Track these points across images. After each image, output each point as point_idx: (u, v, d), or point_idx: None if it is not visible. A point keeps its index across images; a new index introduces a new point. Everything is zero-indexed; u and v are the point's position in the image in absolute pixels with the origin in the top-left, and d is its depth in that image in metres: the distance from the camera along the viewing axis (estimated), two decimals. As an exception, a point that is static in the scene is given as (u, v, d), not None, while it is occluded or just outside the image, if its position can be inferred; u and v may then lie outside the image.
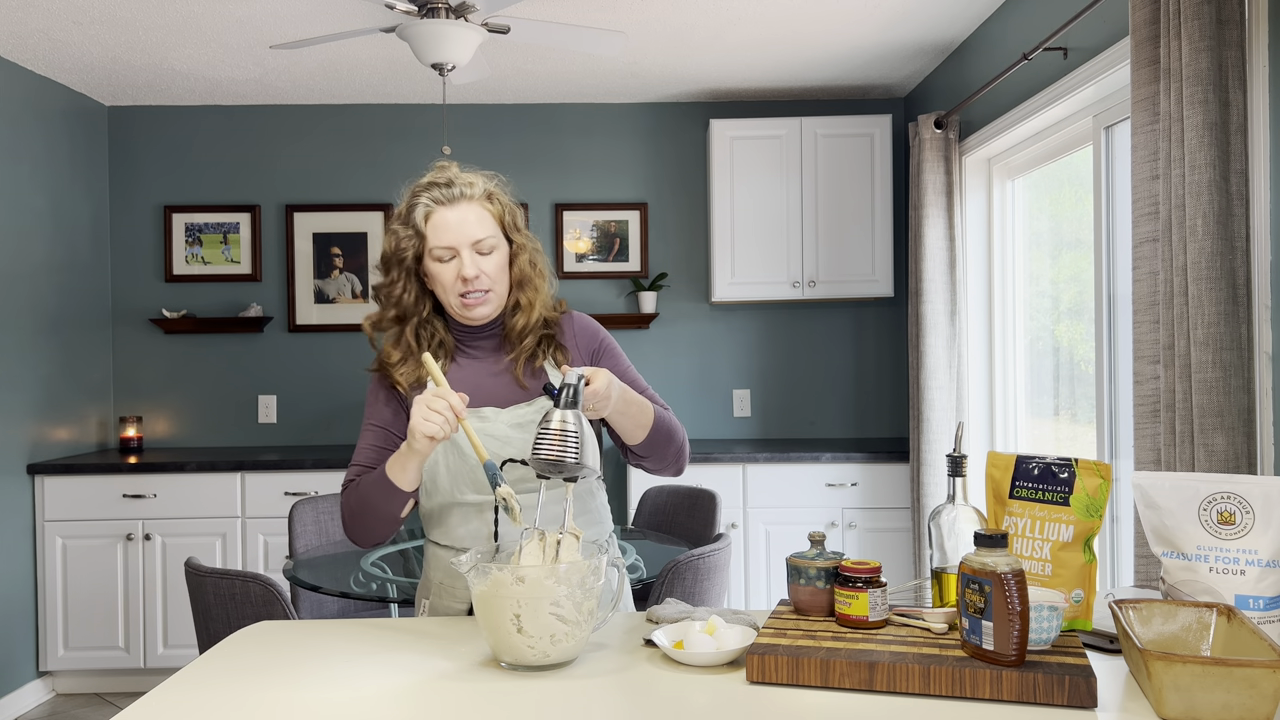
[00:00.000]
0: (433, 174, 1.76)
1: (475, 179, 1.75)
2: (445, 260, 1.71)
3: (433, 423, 1.51)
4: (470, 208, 1.72)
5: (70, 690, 4.12)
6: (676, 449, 1.79)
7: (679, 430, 1.79)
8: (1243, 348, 2.03)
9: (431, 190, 1.72)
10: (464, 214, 1.71)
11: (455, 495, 1.73)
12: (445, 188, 1.72)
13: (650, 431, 1.72)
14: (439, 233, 1.70)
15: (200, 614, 2.37)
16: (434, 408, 1.52)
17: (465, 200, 1.72)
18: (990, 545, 1.26)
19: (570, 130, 4.68)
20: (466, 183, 1.73)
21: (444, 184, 1.72)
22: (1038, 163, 3.55)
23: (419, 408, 1.53)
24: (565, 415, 1.48)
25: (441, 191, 1.72)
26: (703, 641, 1.37)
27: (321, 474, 4.03)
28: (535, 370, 1.78)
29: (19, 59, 3.91)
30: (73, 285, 4.33)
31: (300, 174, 4.64)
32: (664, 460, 1.78)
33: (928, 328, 3.88)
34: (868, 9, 3.49)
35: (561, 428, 1.47)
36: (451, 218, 1.70)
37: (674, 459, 1.79)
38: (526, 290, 1.77)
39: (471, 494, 1.73)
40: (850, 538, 4.11)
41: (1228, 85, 2.04)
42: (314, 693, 1.29)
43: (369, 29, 3.04)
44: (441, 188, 1.72)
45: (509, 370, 1.77)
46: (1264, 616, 1.34)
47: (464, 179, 1.74)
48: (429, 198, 1.72)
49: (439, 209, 1.71)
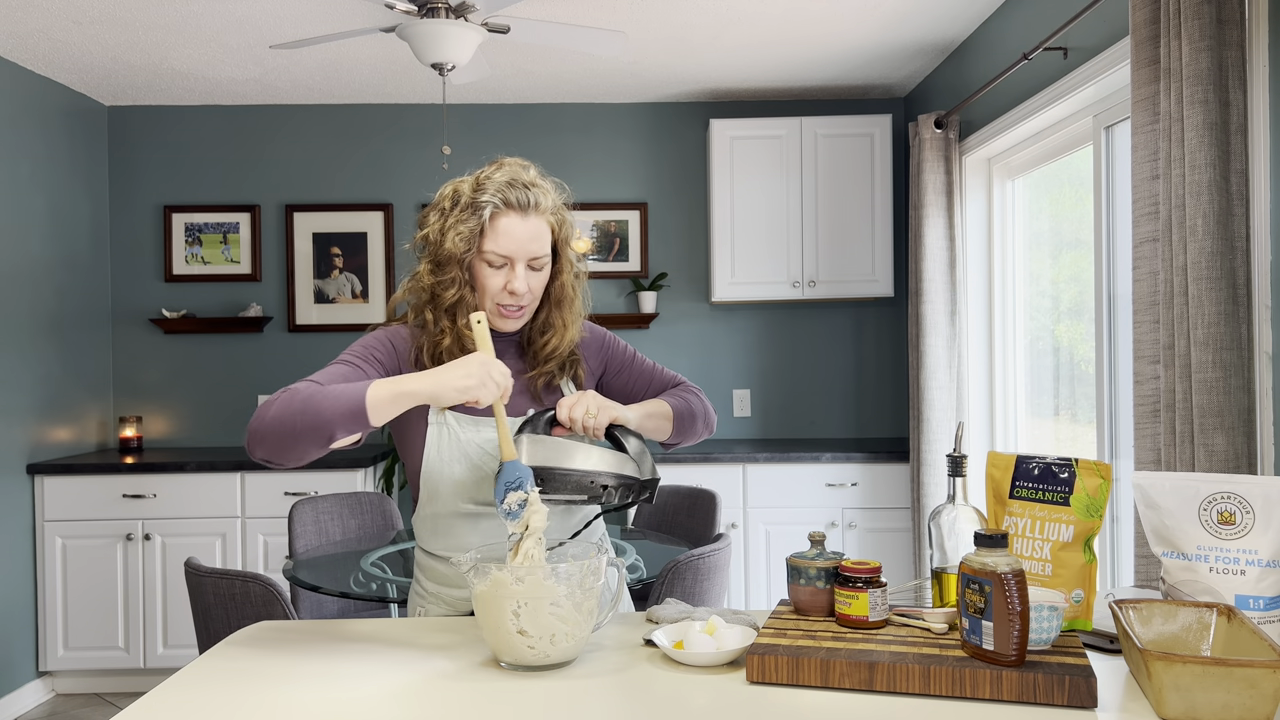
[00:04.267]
0: (511, 169, 1.63)
1: (550, 188, 1.65)
2: (497, 266, 1.61)
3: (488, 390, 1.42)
4: (539, 221, 1.62)
5: (70, 690, 4.12)
6: (703, 421, 1.80)
7: (696, 403, 1.79)
8: (1243, 348, 2.03)
9: (510, 191, 1.60)
10: (533, 227, 1.60)
11: (458, 505, 1.67)
12: (525, 190, 1.61)
13: (674, 423, 1.73)
14: (502, 239, 1.59)
15: (200, 614, 2.37)
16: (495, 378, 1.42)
17: (537, 213, 1.61)
18: (990, 545, 1.26)
19: (570, 130, 4.68)
20: (544, 191, 1.63)
21: (525, 185, 1.61)
22: (1038, 163, 3.55)
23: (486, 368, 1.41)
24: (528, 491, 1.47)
25: (519, 194, 1.60)
26: (703, 641, 1.37)
27: (322, 474, 4.04)
28: (553, 388, 1.74)
29: (19, 59, 3.91)
30: (73, 285, 4.33)
31: (300, 174, 4.64)
32: (695, 434, 1.80)
33: (928, 328, 3.88)
34: (868, 9, 3.49)
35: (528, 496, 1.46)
36: (520, 228, 1.59)
37: (703, 430, 1.81)
38: (564, 311, 1.69)
39: (475, 505, 1.67)
40: (850, 538, 4.11)
41: (1228, 85, 2.04)
42: (314, 693, 1.29)
43: (369, 29, 3.04)
44: (520, 189, 1.60)
45: (527, 385, 1.70)
46: (1264, 616, 1.34)
47: (541, 186, 1.63)
48: (504, 198, 1.59)
49: (510, 214, 1.59)
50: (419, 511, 1.72)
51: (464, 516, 1.68)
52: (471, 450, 1.65)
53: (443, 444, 1.65)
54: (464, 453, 1.65)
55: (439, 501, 1.68)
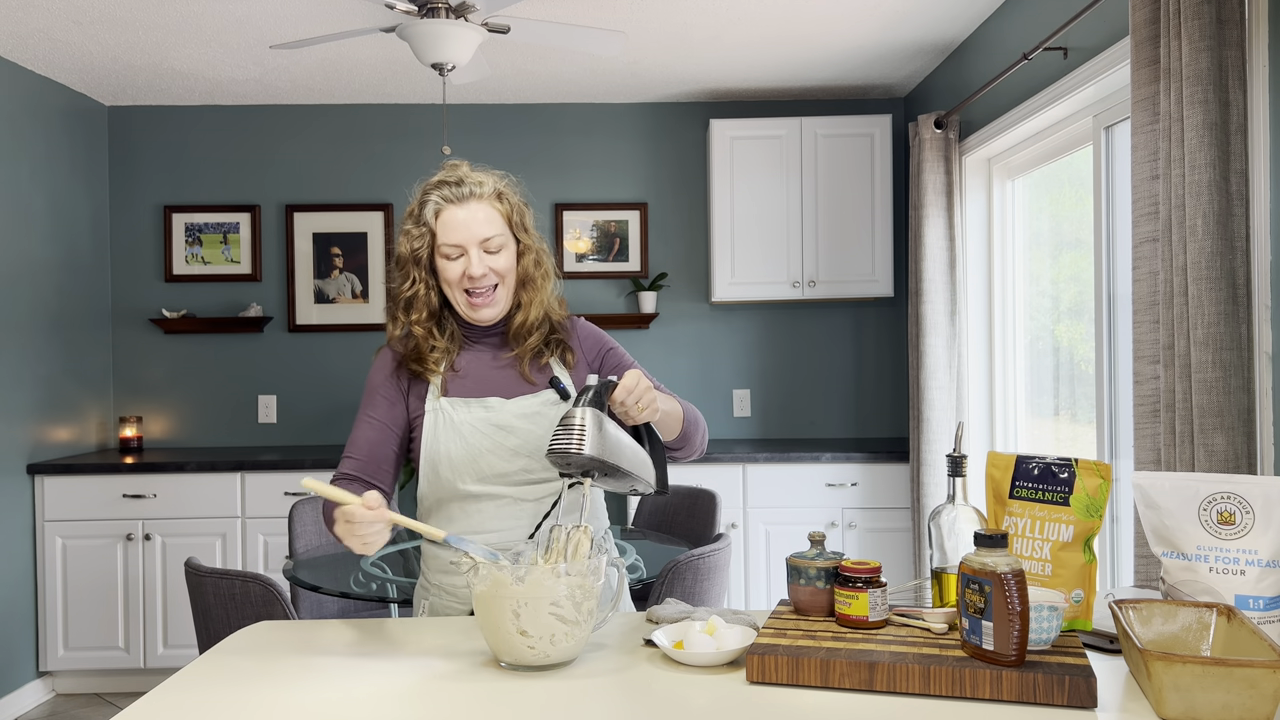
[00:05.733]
0: (443, 172, 1.78)
1: (485, 178, 1.77)
2: (453, 258, 1.74)
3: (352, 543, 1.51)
4: (479, 206, 1.74)
5: (70, 690, 4.12)
6: (702, 433, 1.84)
7: (698, 416, 1.84)
8: (1243, 348, 2.03)
9: (442, 189, 1.75)
10: (473, 212, 1.73)
11: (457, 485, 1.72)
12: (455, 186, 1.75)
13: (683, 424, 1.76)
14: (448, 230, 1.73)
15: (200, 614, 2.37)
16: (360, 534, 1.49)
17: (475, 199, 1.74)
18: (990, 545, 1.26)
19: (570, 130, 4.68)
20: (476, 181, 1.76)
21: (454, 182, 1.75)
22: (1038, 163, 3.55)
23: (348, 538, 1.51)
24: (576, 410, 1.48)
25: (451, 190, 1.74)
26: (703, 641, 1.37)
27: (322, 474, 4.03)
28: (541, 367, 1.81)
29: (19, 59, 3.91)
30: (73, 285, 4.33)
31: (300, 174, 4.64)
32: (694, 447, 1.83)
33: (928, 328, 3.88)
34: (868, 9, 3.49)
35: (568, 421, 1.47)
36: (460, 216, 1.73)
37: (700, 444, 1.84)
38: (527, 289, 1.80)
39: (474, 484, 1.72)
40: (850, 538, 4.11)
41: (1228, 85, 2.04)
42: (314, 693, 1.29)
43: (369, 29, 3.04)
44: (452, 186, 1.75)
45: (513, 365, 1.80)
46: (1264, 616, 1.34)
47: (474, 178, 1.76)
48: (439, 196, 1.74)
49: (449, 207, 1.74)
50: (421, 500, 1.79)
51: (465, 498, 1.73)
52: (465, 429, 1.73)
53: (439, 426, 1.74)
54: (458, 431, 1.73)
55: (440, 484, 1.74)
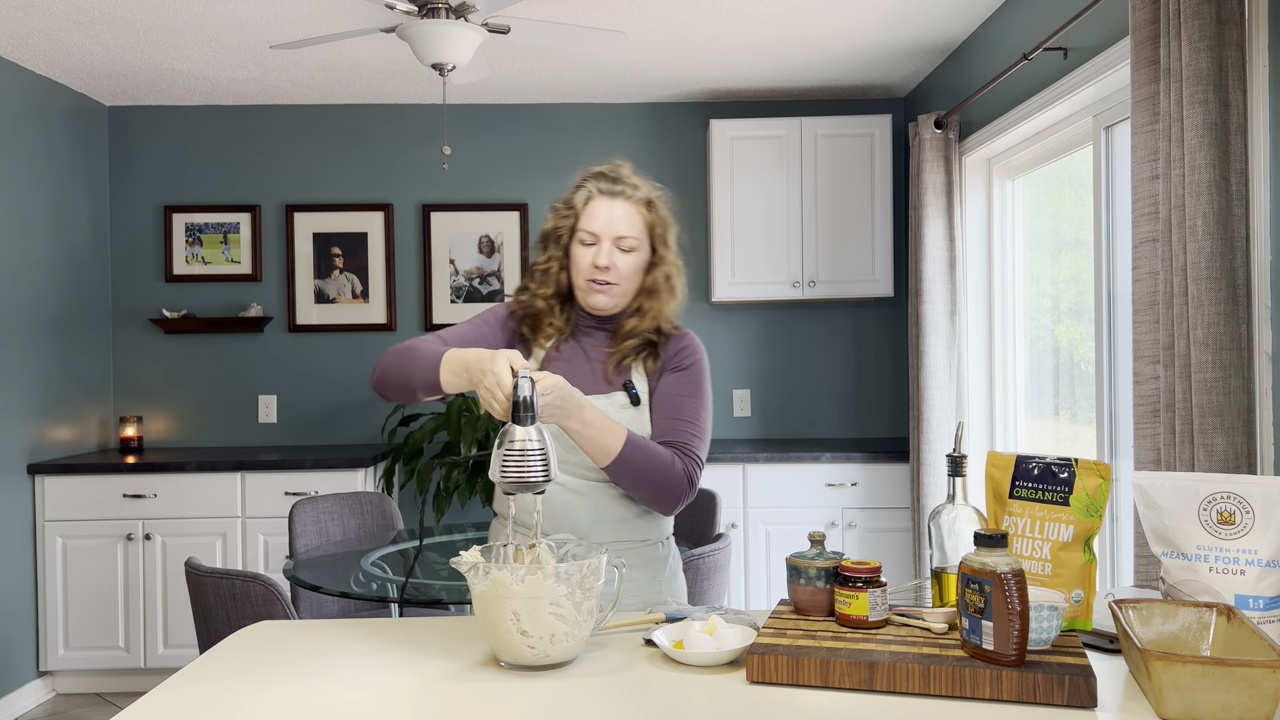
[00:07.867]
0: (607, 166, 1.87)
1: (641, 183, 1.86)
2: (587, 244, 1.81)
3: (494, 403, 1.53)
4: (627, 206, 1.82)
5: (70, 690, 4.12)
6: (658, 490, 1.73)
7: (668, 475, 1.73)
8: (1243, 348, 2.03)
9: (599, 180, 1.84)
10: (619, 210, 1.81)
11: None
12: (611, 181, 1.83)
13: (615, 461, 1.68)
14: (590, 218, 1.81)
15: (200, 614, 2.37)
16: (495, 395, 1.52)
17: (624, 198, 1.82)
18: (990, 545, 1.26)
19: (570, 130, 4.68)
20: (632, 184, 1.84)
21: (612, 177, 1.84)
22: (1037, 163, 3.55)
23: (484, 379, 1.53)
24: (525, 433, 1.46)
25: (607, 183, 1.83)
26: (703, 641, 1.37)
27: (322, 474, 4.03)
28: (624, 369, 1.85)
29: (19, 59, 3.91)
30: (73, 285, 4.33)
31: (300, 174, 4.64)
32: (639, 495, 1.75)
33: (928, 328, 3.88)
34: (868, 9, 3.49)
35: (523, 448, 1.45)
36: (606, 208, 1.81)
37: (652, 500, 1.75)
38: (651, 300, 1.86)
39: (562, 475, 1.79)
40: (850, 538, 4.11)
41: (1228, 85, 2.04)
42: (314, 693, 1.29)
43: (369, 29, 3.04)
44: (608, 180, 1.84)
45: (604, 362, 1.86)
46: (1264, 616, 1.34)
47: (631, 179, 1.85)
48: (594, 185, 1.84)
49: (599, 197, 1.82)
50: None
51: None
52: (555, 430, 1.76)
53: None
54: None
55: None
